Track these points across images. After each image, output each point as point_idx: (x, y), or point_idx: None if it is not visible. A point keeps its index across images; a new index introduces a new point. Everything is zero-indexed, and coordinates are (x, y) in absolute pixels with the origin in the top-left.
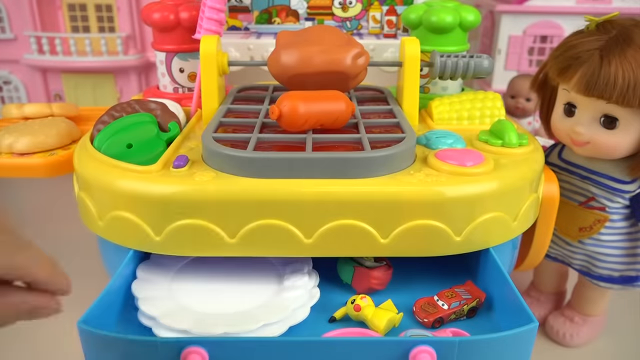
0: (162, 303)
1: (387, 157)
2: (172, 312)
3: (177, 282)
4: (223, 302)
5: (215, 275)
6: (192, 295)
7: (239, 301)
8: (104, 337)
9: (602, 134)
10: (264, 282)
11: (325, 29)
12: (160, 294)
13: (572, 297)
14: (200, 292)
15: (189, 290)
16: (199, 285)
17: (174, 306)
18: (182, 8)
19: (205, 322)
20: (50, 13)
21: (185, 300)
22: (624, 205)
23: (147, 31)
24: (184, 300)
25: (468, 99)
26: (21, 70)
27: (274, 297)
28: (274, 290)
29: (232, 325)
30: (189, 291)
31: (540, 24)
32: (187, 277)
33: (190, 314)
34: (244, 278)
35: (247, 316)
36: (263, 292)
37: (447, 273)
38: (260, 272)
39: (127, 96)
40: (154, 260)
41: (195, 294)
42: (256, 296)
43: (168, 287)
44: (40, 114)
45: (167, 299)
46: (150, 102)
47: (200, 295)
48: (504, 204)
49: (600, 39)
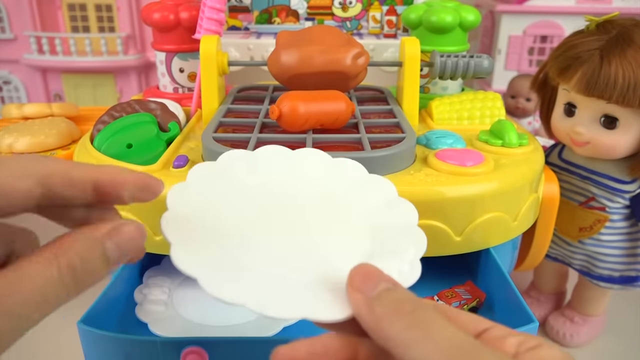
0: (158, 310)
1: (387, 157)
2: (166, 320)
3: (180, 290)
4: (219, 314)
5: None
6: (190, 305)
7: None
8: (104, 337)
9: (602, 134)
10: None
11: (325, 29)
12: (160, 300)
13: (572, 297)
14: (199, 301)
15: (188, 299)
16: (199, 295)
17: (170, 314)
18: (182, 8)
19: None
20: (50, 13)
21: (182, 310)
22: (624, 205)
23: (147, 31)
24: (181, 309)
25: (468, 99)
26: (21, 70)
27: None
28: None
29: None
30: (188, 300)
31: (540, 24)
32: (191, 286)
33: (184, 323)
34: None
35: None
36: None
37: (447, 273)
38: None
39: (127, 96)
40: (163, 267)
41: (194, 303)
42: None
43: (169, 295)
44: (40, 114)
45: (165, 306)
46: (150, 102)
47: (198, 305)
48: (504, 204)
49: (601, 39)
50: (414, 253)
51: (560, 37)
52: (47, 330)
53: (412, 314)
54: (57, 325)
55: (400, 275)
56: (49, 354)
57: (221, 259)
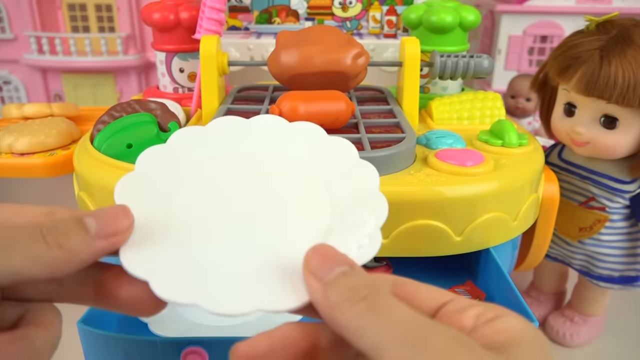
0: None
1: (387, 157)
2: (166, 320)
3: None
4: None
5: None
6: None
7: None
8: (104, 337)
9: (602, 134)
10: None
11: (325, 29)
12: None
13: (572, 297)
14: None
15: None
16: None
17: (170, 314)
18: (182, 8)
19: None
20: (50, 13)
21: (182, 310)
22: (624, 205)
23: (147, 31)
24: (181, 309)
25: (468, 99)
26: (21, 70)
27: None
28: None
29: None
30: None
31: (540, 24)
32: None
33: (184, 323)
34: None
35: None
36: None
37: (447, 273)
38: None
39: (127, 96)
40: None
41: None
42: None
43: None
44: (40, 114)
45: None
46: (150, 102)
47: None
48: (504, 204)
49: (600, 39)
50: (374, 223)
51: (560, 37)
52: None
53: (365, 300)
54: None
55: (359, 249)
56: None
57: (173, 257)
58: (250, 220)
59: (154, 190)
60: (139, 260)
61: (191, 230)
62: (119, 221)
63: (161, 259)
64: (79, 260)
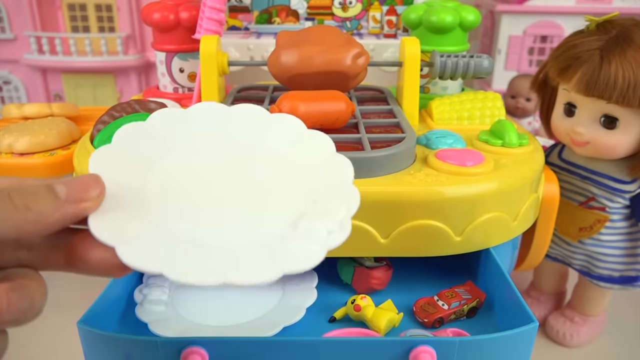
0: (158, 310)
1: (387, 157)
2: (166, 320)
3: (180, 290)
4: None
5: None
6: (190, 305)
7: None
8: (104, 337)
9: (602, 134)
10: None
11: (325, 29)
12: (160, 300)
13: (572, 297)
14: (199, 301)
15: (188, 299)
16: (200, 295)
17: (170, 314)
18: (182, 8)
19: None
20: (50, 13)
21: (182, 310)
22: (624, 205)
23: (147, 31)
24: (181, 309)
25: (468, 99)
26: (21, 70)
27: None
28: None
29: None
30: (188, 300)
31: (540, 24)
32: (190, 286)
33: (184, 323)
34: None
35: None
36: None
37: (447, 273)
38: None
39: (127, 96)
40: None
41: (194, 303)
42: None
43: (169, 295)
44: (40, 114)
45: (165, 306)
46: (150, 102)
47: (198, 305)
48: (504, 204)
49: (600, 39)
50: (345, 213)
51: (560, 37)
52: (47, 330)
53: None
54: (57, 325)
55: (329, 234)
56: (49, 354)
57: (142, 226)
58: (222, 198)
59: (129, 163)
60: (107, 227)
61: (163, 203)
62: (89, 188)
63: (130, 227)
64: (48, 223)
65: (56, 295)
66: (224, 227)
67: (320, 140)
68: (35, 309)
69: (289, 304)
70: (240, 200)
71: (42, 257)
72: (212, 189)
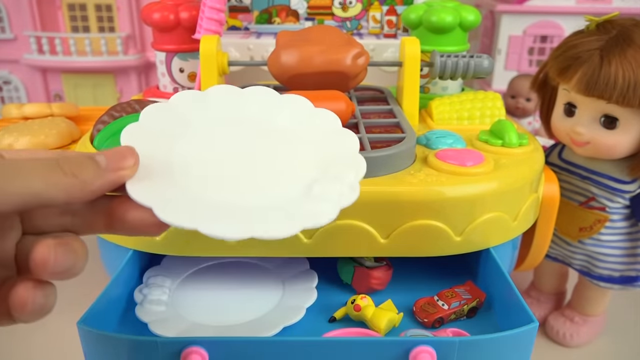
0: (158, 310)
1: (387, 157)
2: (166, 320)
3: (180, 290)
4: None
5: (217, 285)
6: (190, 305)
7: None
8: (104, 337)
9: (602, 134)
10: (266, 292)
11: (325, 29)
12: (160, 300)
13: (572, 297)
14: (199, 301)
15: (188, 299)
16: (200, 295)
17: (170, 314)
18: (182, 8)
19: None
20: (50, 13)
21: (182, 310)
22: (624, 205)
23: (147, 31)
24: (181, 309)
25: (468, 99)
26: (21, 70)
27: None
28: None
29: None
30: (188, 300)
31: (540, 24)
32: (191, 286)
33: (184, 323)
34: (246, 289)
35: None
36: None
37: (447, 273)
38: (263, 282)
39: (127, 96)
40: (163, 266)
41: (194, 303)
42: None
43: (169, 295)
44: (40, 114)
45: (165, 306)
46: (150, 102)
47: (198, 305)
48: (504, 204)
49: (601, 39)
50: (354, 177)
51: (560, 37)
52: (47, 330)
53: None
54: (57, 325)
55: (340, 196)
56: (49, 354)
57: (173, 191)
58: (244, 167)
59: (156, 137)
60: (144, 191)
61: (188, 173)
62: (126, 157)
63: (162, 191)
64: (91, 189)
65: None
66: (245, 192)
67: (327, 117)
68: (79, 265)
69: (289, 304)
70: (257, 170)
71: (84, 222)
72: (231, 161)
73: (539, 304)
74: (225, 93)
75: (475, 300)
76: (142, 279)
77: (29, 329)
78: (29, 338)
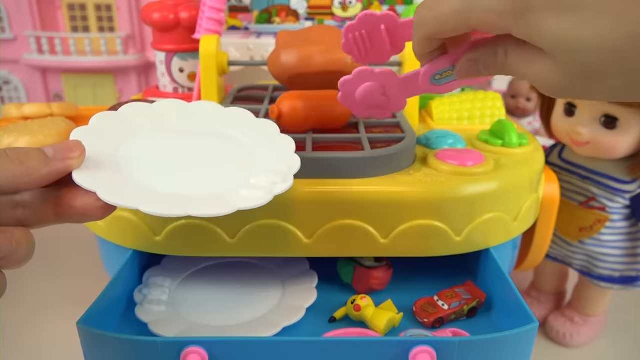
0: (158, 310)
1: (387, 157)
2: (166, 320)
3: (180, 290)
4: (219, 314)
5: (217, 285)
6: (190, 305)
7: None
8: (104, 337)
9: (603, 134)
10: (266, 292)
11: (325, 29)
12: (160, 300)
13: (572, 297)
14: (199, 301)
15: (188, 299)
16: (200, 295)
17: (170, 314)
18: (182, 8)
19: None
20: (50, 13)
21: (182, 310)
22: (624, 205)
23: (147, 31)
24: (181, 309)
25: (468, 99)
26: (21, 70)
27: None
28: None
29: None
30: (188, 300)
31: None
32: (191, 286)
33: (184, 323)
34: (246, 289)
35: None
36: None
37: (447, 273)
38: (263, 282)
39: (127, 96)
40: (163, 266)
41: (194, 303)
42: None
43: (169, 295)
44: (40, 114)
45: (165, 306)
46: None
47: (198, 305)
48: (504, 204)
49: None
50: (287, 169)
51: None
52: (47, 330)
53: None
54: (57, 325)
55: (274, 185)
56: (49, 354)
57: (117, 180)
58: (187, 166)
59: (104, 137)
60: (89, 178)
61: (133, 168)
62: (73, 149)
63: (108, 176)
64: (38, 176)
65: (56, 295)
66: (187, 184)
67: (266, 125)
68: (19, 253)
69: (289, 304)
70: (200, 169)
71: (35, 213)
72: (175, 161)
73: (539, 304)
74: (171, 105)
75: (475, 301)
76: (142, 279)
77: (29, 329)
78: (29, 338)
